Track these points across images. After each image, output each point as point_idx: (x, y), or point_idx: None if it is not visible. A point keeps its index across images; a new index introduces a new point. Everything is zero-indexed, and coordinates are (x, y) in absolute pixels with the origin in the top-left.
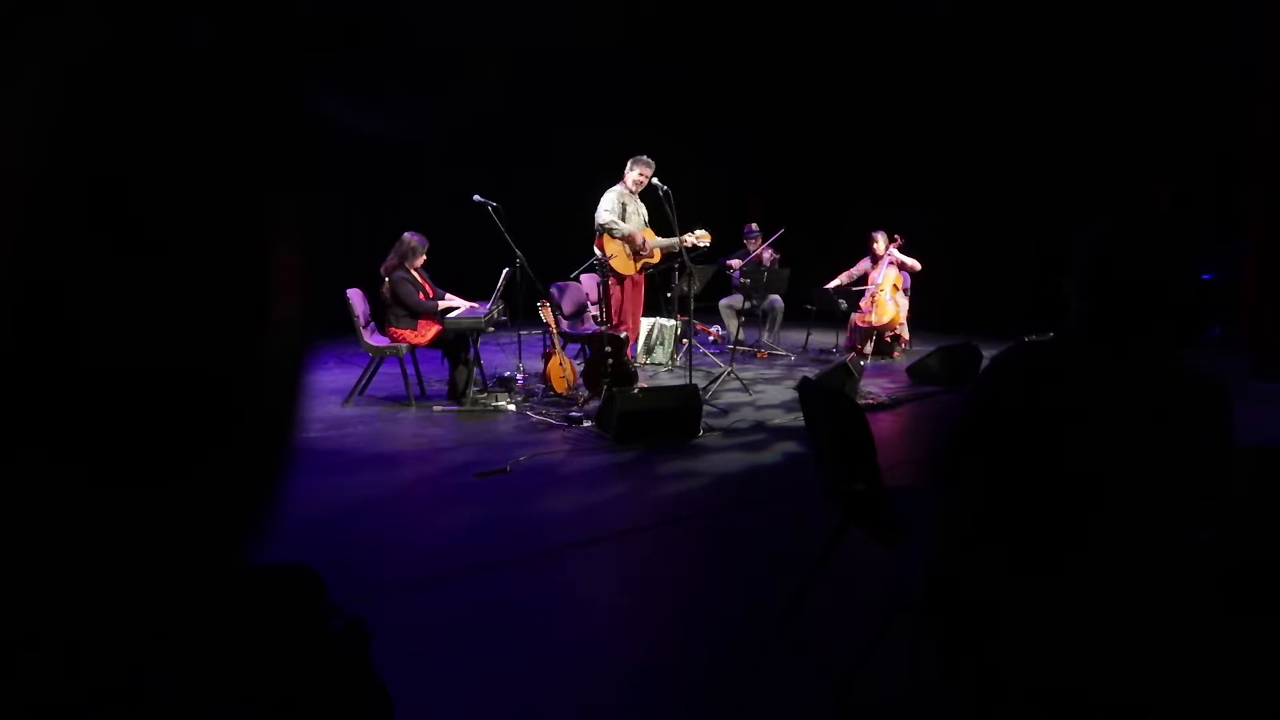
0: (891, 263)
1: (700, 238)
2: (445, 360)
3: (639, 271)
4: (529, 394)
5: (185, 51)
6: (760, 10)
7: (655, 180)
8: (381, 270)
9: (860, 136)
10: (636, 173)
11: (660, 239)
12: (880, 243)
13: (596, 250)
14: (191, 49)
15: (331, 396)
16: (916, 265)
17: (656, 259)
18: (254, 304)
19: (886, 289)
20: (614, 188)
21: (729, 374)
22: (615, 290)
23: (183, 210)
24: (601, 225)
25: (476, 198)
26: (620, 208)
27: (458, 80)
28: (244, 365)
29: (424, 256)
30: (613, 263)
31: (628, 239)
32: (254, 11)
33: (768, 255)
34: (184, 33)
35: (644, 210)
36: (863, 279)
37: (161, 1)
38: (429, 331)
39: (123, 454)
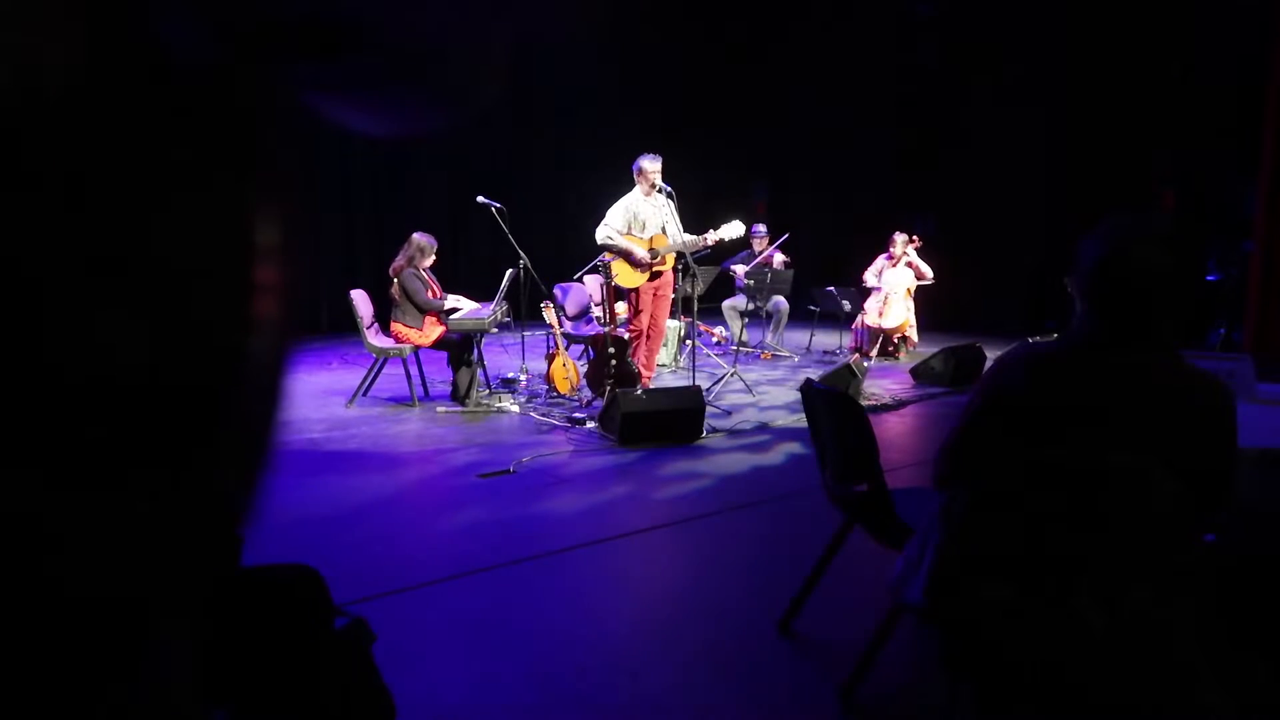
0: (909, 264)
1: (732, 228)
2: (450, 363)
3: (649, 280)
4: (532, 395)
5: (164, 53)
6: (761, 9)
7: (659, 180)
8: (390, 271)
9: (862, 135)
10: (647, 172)
11: (679, 238)
12: (899, 245)
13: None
14: (171, 51)
15: (335, 397)
16: (929, 274)
17: (668, 265)
18: (234, 307)
19: (900, 291)
20: (624, 198)
21: (732, 375)
22: (632, 298)
23: (159, 213)
24: (599, 242)
25: (480, 199)
26: (629, 220)
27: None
28: (222, 369)
29: (433, 257)
30: (617, 279)
31: (624, 254)
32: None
33: (778, 260)
34: (164, 34)
35: (668, 211)
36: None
37: (141, 4)
38: (433, 332)
39: (97, 455)
